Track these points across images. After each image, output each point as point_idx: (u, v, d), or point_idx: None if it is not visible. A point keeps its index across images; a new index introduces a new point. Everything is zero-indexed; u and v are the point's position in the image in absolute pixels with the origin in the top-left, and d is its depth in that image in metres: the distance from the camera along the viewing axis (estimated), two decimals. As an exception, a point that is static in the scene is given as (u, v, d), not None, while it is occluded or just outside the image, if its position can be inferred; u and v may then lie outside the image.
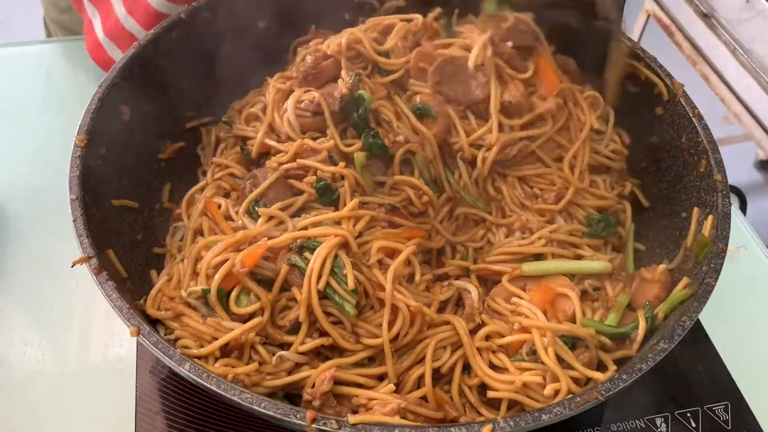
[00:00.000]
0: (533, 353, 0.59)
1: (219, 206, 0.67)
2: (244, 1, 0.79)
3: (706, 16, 1.96)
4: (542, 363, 0.58)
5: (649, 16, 2.23)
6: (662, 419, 0.66)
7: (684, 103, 0.69)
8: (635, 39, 2.35)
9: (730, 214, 0.60)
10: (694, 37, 2.04)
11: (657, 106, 0.72)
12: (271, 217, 0.64)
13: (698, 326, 0.74)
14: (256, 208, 0.64)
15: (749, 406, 0.67)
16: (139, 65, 0.70)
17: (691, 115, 0.68)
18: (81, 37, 1.03)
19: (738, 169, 2.59)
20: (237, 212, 0.66)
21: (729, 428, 0.66)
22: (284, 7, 0.81)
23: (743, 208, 0.97)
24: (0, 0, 2.93)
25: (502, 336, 0.61)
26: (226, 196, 0.70)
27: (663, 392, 0.68)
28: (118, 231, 0.63)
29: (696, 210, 0.65)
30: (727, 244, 0.58)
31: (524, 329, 0.60)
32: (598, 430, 0.65)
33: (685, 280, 0.60)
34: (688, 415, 0.67)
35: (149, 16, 0.88)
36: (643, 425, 0.66)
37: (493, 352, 0.61)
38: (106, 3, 0.98)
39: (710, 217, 0.61)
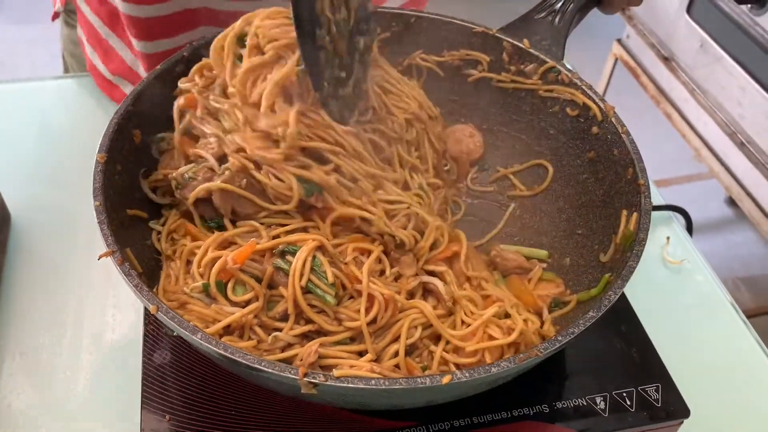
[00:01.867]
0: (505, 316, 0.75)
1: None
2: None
3: (667, 60, 2.16)
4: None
5: (616, 59, 2.44)
6: (602, 398, 0.79)
7: (615, 122, 0.85)
8: (604, 80, 2.58)
9: (650, 211, 0.75)
10: (657, 79, 2.24)
11: (593, 126, 0.88)
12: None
13: (636, 321, 0.88)
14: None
15: (677, 387, 0.81)
16: (148, 96, 0.84)
17: (620, 131, 0.83)
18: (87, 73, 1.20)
19: (709, 204, 2.78)
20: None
21: (659, 405, 0.79)
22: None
23: (689, 228, 1.13)
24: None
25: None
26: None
27: (603, 375, 0.82)
28: (132, 236, 0.76)
29: (624, 210, 0.80)
30: (647, 235, 0.72)
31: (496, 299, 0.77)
32: (545, 407, 0.78)
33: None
34: (624, 394, 0.80)
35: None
36: (585, 403, 0.79)
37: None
38: (103, 44, 1.13)
39: (635, 215, 0.76)
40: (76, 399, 0.81)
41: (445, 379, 0.60)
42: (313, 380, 0.60)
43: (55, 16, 1.25)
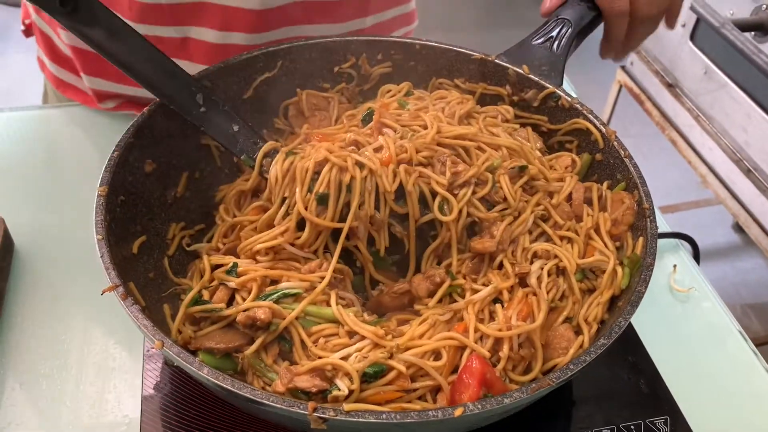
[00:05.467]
0: None
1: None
2: (234, 74, 0.98)
3: (671, 86, 2.20)
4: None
5: (621, 86, 2.48)
6: (609, 430, 0.81)
7: (617, 146, 0.87)
8: (609, 107, 2.62)
9: (657, 234, 0.77)
10: (662, 105, 2.28)
11: (596, 153, 0.91)
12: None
13: (643, 351, 0.90)
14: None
15: (686, 419, 0.82)
16: (148, 127, 0.86)
17: (623, 156, 0.86)
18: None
19: (716, 231, 2.81)
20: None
21: (667, 439, 0.80)
22: (266, 81, 1.00)
23: (696, 256, 1.14)
24: (4, 68, 3.30)
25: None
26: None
27: (610, 407, 0.83)
28: (134, 269, 0.78)
29: (629, 234, 0.82)
30: (654, 259, 0.74)
31: None
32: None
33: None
34: (632, 427, 0.81)
35: None
36: (592, 436, 0.80)
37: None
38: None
39: (641, 239, 0.78)
40: (76, 430, 0.81)
41: (458, 412, 0.61)
42: (322, 415, 0.61)
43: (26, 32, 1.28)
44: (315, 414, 0.61)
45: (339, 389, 0.69)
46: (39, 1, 0.78)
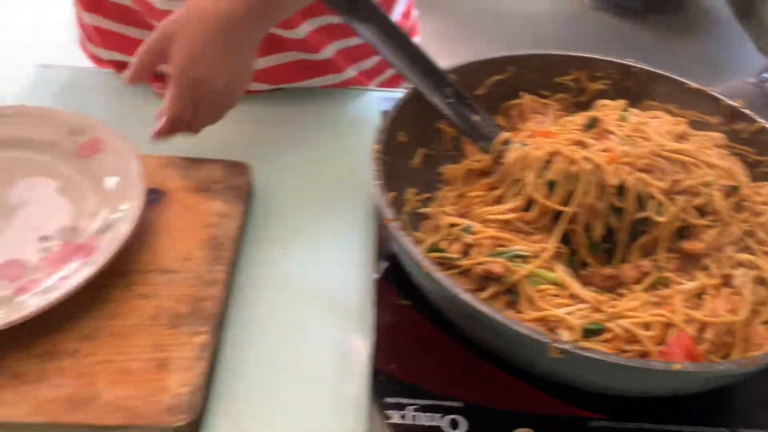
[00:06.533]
0: None
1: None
2: (475, 72, 1.15)
3: None
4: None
5: None
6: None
7: None
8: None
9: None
10: None
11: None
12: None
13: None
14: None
15: None
16: (409, 105, 1.04)
17: None
18: None
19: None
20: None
21: None
22: (497, 82, 1.17)
23: None
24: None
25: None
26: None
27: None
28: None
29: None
30: None
31: None
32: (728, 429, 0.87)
33: None
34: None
35: None
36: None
37: None
38: None
39: None
40: (304, 370, 0.91)
41: (676, 366, 0.73)
42: (561, 346, 0.74)
43: None
44: (555, 344, 0.74)
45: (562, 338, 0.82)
46: None
